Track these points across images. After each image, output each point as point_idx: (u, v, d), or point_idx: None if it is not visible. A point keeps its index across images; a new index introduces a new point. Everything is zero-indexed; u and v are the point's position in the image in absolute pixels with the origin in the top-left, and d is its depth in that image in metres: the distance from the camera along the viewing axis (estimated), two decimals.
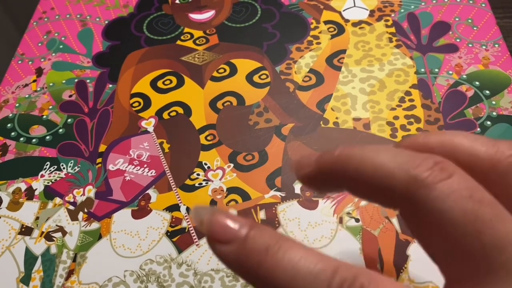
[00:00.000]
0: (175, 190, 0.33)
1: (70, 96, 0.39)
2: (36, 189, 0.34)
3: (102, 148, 0.36)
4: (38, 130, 0.37)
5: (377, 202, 0.17)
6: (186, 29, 0.44)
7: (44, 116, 0.38)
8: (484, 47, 0.39)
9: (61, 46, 0.44)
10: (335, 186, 0.18)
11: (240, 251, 0.15)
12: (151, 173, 0.34)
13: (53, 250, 0.31)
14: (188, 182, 0.33)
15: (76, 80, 0.41)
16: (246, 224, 0.16)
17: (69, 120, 0.38)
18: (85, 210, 0.32)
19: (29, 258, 0.30)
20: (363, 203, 0.31)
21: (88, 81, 0.40)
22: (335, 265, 0.14)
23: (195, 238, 0.30)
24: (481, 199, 0.14)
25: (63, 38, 0.44)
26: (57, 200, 0.33)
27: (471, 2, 0.42)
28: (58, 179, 0.34)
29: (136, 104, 0.38)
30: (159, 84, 0.39)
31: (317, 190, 0.19)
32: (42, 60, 0.43)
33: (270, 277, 0.14)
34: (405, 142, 0.18)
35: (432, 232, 0.15)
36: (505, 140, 0.17)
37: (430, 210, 0.14)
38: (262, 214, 0.31)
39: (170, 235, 0.31)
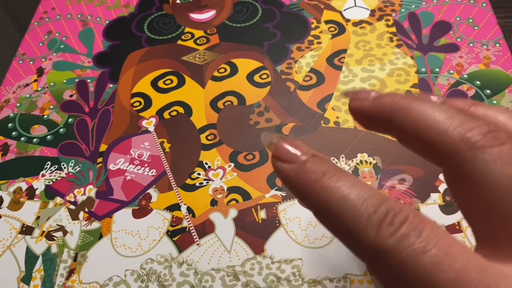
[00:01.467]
0: (175, 189, 0.33)
1: (71, 95, 0.39)
2: (37, 188, 0.34)
3: (103, 147, 0.36)
4: (39, 130, 0.37)
5: (424, 155, 0.18)
6: (187, 29, 0.44)
7: (45, 116, 0.38)
8: (485, 46, 0.39)
9: (62, 46, 0.44)
10: (384, 128, 0.19)
11: (299, 170, 0.17)
12: (152, 172, 0.34)
13: (54, 249, 0.31)
14: (188, 181, 0.33)
15: (77, 80, 0.41)
16: (309, 152, 0.18)
17: (70, 119, 0.38)
18: (86, 210, 0.32)
19: (30, 257, 0.30)
20: None
21: (89, 81, 0.40)
22: (384, 197, 0.15)
23: (196, 238, 0.30)
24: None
25: (64, 38, 0.44)
26: (58, 199, 0.33)
27: (472, 1, 0.42)
28: (59, 178, 0.34)
29: (137, 103, 0.38)
30: (160, 83, 0.39)
31: (364, 125, 0.20)
32: (43, 60, 0.43)
33: (324, 194, 0.16)
34: (456, 103, 0.19)
35: (474, 193, 0.15)
36: None
37: (476, 170, 0.15)
38: (262, 214, 0.31)
39: (170, 234, 0.31)
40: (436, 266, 0.14)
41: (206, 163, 0.34)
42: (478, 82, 0.36)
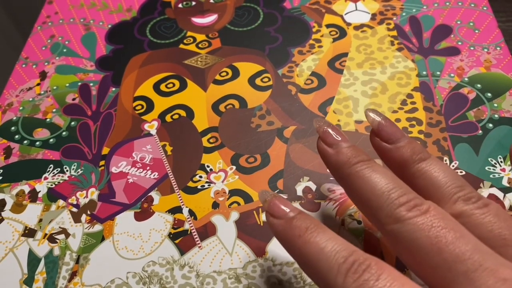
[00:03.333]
0: (177, 192, 0.33)
1: (74, 99, 0.40)
2: (40, 191, 0.34)
3: (105, 150, 0.36)
4: (41, 133, 0.38)
5: (369, 219, 0.22)
6: (189, 33, 0.44)
7: (48, 119, 0.39)
8: (485, 50, 0.39)
9: (64, 50, 0.44)
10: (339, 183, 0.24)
11: (286, 225, 0.21)
12: (154, 175, 0.34)
13: (56, 252, 0.31)
14: (190, 184, 0.33)
15: (79, 84, 0.41)
16: (296, 210, 0.21)
17: (72, 123, 0.38)
18: (88, 212, 0.32)
19: (32, 259, 0.31)
20: None
21: (91, 84, 0.41)
22: (353, 249, 0.19)
23: (198, 240, 0.30)
24: (446, 225, 0.18)
25: (66, 42, 0.45)
26: (60, 202, 0.33)
27: (472, 5, 0.43)
28: (61, 181, 0.34)
29: (139, 107, 0.38)
30: (162, 87, 0.40)
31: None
32: (46, 63, 0.43)
33: (304, 248, 0.19)
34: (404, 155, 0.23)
35: (408, 255, 0.19)
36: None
37: (405, 238, 0.19)
38: (264, 216, 0.31)
39: (172, 237, 0.31)
40: None
41: (208, 166, 0.34)
42: (479, 85, 0.36)
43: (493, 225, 0.19)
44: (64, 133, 0.37)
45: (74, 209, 0.33)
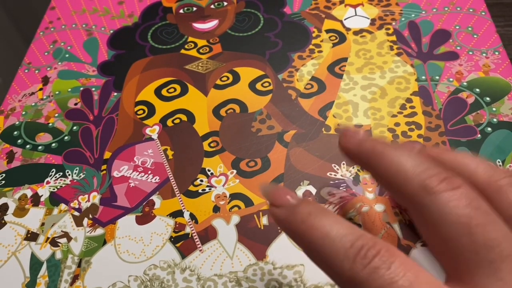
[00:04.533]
0: (178, 196, 0.33)
1: (76, 104, 0.40)
2: (42, 195, 0.34)
3: (107, 155, 0.36)
4: (44, 138, 0.38)
5: (395, 197, 0.20)
6: (190, 38, 0.44)
7: (50, 124, 0.39)
8: (484, 54, 0.39)
9: (67, 55, 0.44)
10: (365, 169, 0.22)
11: (288, 213, 0.20)
12: (155, 179, 0.34)
13: (58, 255, 0.31)
14: (191, 188, 0.33)
15: (81, 89, 0.41)
16: (298, 198, 0.21)
17: (74, 127, 0.38)
18: (90, 216, 0.33)
19: (35, 263, 0.31)
20: (365, 208, 0.31)
21: (93, 89, 0.41)
22: (360, 233, 0.18)
23: (198, 244, 0.30)
24: (478, 207, 0.17)
25: (69, 48, 0.45)
26: (63, 206, 0.33)
27: (471, 10, 0.43)
28: (63, 185, 0.35)
29: (141, 111, 0.39)
30: (163, 92, 0.40)
31: (352, 163, 0.24)
32: (48, 69, 0.43)
33: (308, 233, 0.18)
34: (428, 151, 0.22)
35: (435, 232, 0.18)
36: (502, 168, 0.20)
37: (434, 213, 0.18)
38: (264, 220, 0.31)
39: (173, 240, 0.31)
40: None
41: (209, 170, 0.34)
42: (477, 90, 0.37)
43: None
44: (66, 137, 0.38)
45: (76, 213, 0.33)
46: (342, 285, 0.18)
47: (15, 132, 0.39)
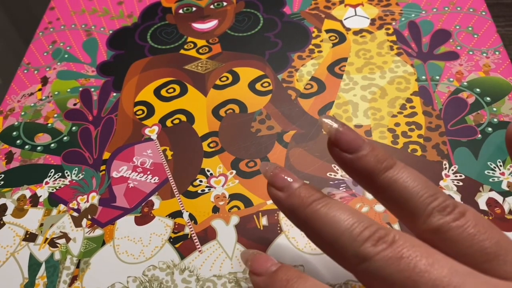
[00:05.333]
0: (178, 196, 0.33)
1: (75, 104, 0.40)
2: (41, 196, 0.34)
3: (106, 155, 0.36)
4: (43, 138, 0.38)
5: (338, 263, 0.20)
6: (190, 39, 0.44)
7: (49, 124, 0.39)
8: (484, 54, 0.39)
9: (66, 56, 0.44)
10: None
11: (268, 281, 0.20)
12: (154, 180, 0.34)
13: (57, 256, 0.31)
14: (190, 188, 0.33)
15: (80, 89, 0.41)
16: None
17: (73, 128, 0.38)
18: (89, 217, 0.33)
19: (33, 264, 0.31)
20: (365, 209, 0.31)
21: (92, 89, 0.41)
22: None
23: (198, 244, 0.30)
24: (415, 254, 0.17)
25: (68, 48, 0.45)
26: (61, 207, 0.33)
27: (471, 10, 0.43)
28: (62, 186, 0.35)
29: (140, 112, 0.39)
30: (163, 92, 0.40)
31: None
32: (48, 69, 0.43)
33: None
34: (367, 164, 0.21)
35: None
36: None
37: (376, 276, 0.17)
38: (264, 220, 0.31)
39: (172, 241, 0.31)
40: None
41: (208, 170, 0.34)
42: (478, 90, 0.36)
43: (473, 239, 0.18)
44: (65, 138, 0.38)
45: (75, 214, 0.33)
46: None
47: (14, 133, 0.39)
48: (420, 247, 0.17)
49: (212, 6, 0.47)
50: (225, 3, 0.47)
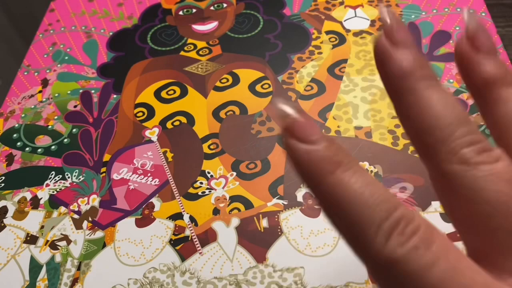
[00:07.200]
0: (178, 198, 0.33)
1: (75, 106, 0.40)
2: (41, 198, 0.34)
3: (107, 157, 0.36)
4: (43, 140, 0.38)
5: (419, 151, 0.17)
6: (190, 40, 0.44)
7: (50, 126, 0.39)
8: None
9: (66, 58, 0.44)
10: (392, 99, 0.18)
11: (313, 154, 0.15)
12: (155, 182, 0.34)
13: (58, 258, 0.31)
14: (191, 190, 0.33)
15: (81, 91, 0.41)
16: (326, 137, 0.16)
17: (74, 130, 0.38)
18: (90, 219, 0.33)
19: (34, 266, 0.31)
20: None
21: (93, 91, 0.41)
22: (398, 203, 0.15)
23: (198, 246, 0.30)
24: None
25: (68, 50, 0.45)
26: (62, 209, 0.33)
27: (471, 11, 0.43)
28: (63, 188, 0.35)
29: (140, 114, 0.39)
30: (163, 94, 0.40)
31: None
32: (48, 71, 0.43)
33: (336, 189, 0.15)
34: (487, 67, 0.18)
35: (464, 207, 0.15)
36: None
37: (467, 185, 0.15)
38: (264, 222, 0.31)
39: (173, 243, 0.31)
40: (444, 282, 0.13)
41: (209, 172, 0.34)
42: None
43: None
44: (65, 140, 0.38)
45: (76, 216, 0.33)
46: (369, 261, 0.15)
47: (15, 135, 0.39)
48: None
49: (212, 8, 0.47)
50: (225, 5, 0.47)
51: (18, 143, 0.38)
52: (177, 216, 0.32)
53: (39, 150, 0.37)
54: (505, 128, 0.17)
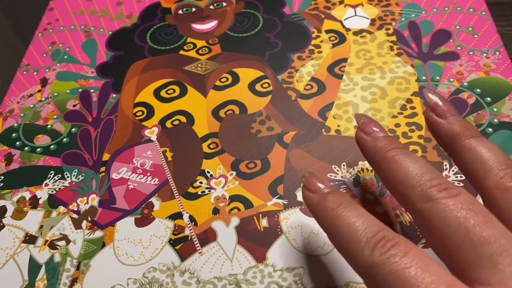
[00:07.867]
0: (178, 198, 0.33)
1: (74, 105, 0.40)
2: (40, 198, 0.34)
3: (106, 157, 0.36)
4: (42, 140, 0.38)
5: (398, 200, 0.22)
6: (189, 39, 0.44)
7: (49, 126, 0.39)
8: (485, 54, 0.39)
9: (65, 57, 0.44)
10: (375, 169, 0.25)
11: (321, 199, 0.22)
12: (154, 181, 0.34)
13: (57, 258, 0.31)
14: (191, 190, 0.33)
15: (80, 90, 0.41)
16: (331, 188, 0.23)
17: (73, 129, 0.38)
18: (89, 219, 0.32)
19: (33, 266, 0.31)
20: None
21: (92, 91, 0.41)
22: (383, 227, 0.20)
23: (198, 246, 0.30)
24: (474, 210, 0.19)
25: (67, 49, 0.45)
26: (61, 208, 0.33)
27: (471, 10, 0.43)
28: (62, 188, 0.34)
29: (140, 113, 0.38)
30: (162, 93, 0.40)
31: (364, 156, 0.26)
32: (47, 70, 0.43)
33: (336, 220, 0.21)
34: (455, 126, 0.24)
35: (434, 234, 0.20)
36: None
37: (433, 216, 0.19)
38: (264, 222, 0.31)
39: (173, 243, 0.31)
40: (413, 279, 0.17)
41: (208, 172, 0.34)
42: (478, 90, 0.36)
43: None
44: (65, 139, 0.38)
45: (75, 216, 0.33)
46: (358, 269, 0.19)
47: (14, 134, 0.38)
48: (480, 206, 0.19)
49: (211, 7, 0.47)
50: (224, 4, 0.47)
51: (17, 143, 0.38)
52: (177, 216, 0.32)
53: (38, 149, 0.37)
54: (470, 172, 0.22)
